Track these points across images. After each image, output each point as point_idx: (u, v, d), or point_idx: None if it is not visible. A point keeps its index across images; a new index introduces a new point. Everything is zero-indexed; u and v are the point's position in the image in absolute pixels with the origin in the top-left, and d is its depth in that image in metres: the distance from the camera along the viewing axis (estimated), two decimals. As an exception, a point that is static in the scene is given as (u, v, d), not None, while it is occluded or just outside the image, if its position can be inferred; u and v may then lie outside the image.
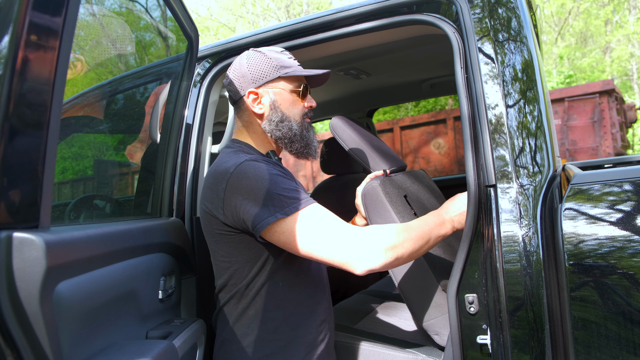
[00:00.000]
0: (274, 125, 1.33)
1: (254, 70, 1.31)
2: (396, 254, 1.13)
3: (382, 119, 10.81)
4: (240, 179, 1.17)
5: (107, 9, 1.42)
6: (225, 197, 1.18)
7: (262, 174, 1.17)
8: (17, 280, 0.58)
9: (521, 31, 1.21)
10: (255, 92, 1.32)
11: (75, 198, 1.48)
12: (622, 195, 1.00)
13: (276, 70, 1.32)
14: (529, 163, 1.13)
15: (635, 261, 0.95)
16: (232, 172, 1.18)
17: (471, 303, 1.14)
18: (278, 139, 1.34)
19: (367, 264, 1.12)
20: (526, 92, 1.18)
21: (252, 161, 1.20)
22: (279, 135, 1.33)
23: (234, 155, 1.25)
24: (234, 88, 1.34)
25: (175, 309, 1.34)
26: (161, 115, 1.50)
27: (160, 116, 1.50)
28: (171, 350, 0.95)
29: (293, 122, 1.34)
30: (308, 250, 1.15)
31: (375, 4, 1.39)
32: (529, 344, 1.04)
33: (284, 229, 1.15)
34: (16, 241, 0.59)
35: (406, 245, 1.15)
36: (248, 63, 1.32)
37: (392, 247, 1.13)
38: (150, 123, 1.49)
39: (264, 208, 1.14)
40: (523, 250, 1.07)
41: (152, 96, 1.62)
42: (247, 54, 1.35)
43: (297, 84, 1.36)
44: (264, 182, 1.16)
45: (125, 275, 0.96)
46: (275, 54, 1.34)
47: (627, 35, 17.73)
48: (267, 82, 1.32)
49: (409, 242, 1.15)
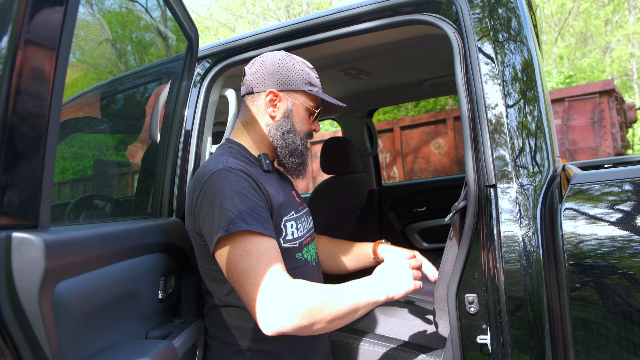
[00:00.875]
0: (280, 133, 1.31)
1: (283, 73, 1.31)
2: (314, 319, 1.03)
3: (382, 119, 10.81)
4: (207, 189, 1.14)
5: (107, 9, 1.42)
6: (196, 205, 1.16)
7: (224, 187, 1.12)
8: (16, 280, 0.58)
9: (521, 31, 1.21)
10: (277, 94, 1.31)
11: (75, 198, 1.48)
12: (622, 196, 1.00)
13: (303, 83, 1.32)
14: (529, 163, 1.13)
15: (635, 261, 0.94)
16: (205, 181, 1.15)
17: (471, 303, 1.14)
18: (279, 147, 1.32)
19: (276, 324, 1.02)
20: (526, 92, 1.17)
21: (224, 171, 1.15)
22: (281, 144, 1.32)
23: (217, 159, 1.22)
24: (255, 80, 1.33)
25: (175, 309, 1.34)
26: (161, 116, 1.50)
27: (160, 116, 1.50)
28: (171, 351, 0.95)
29: (298, 137, 1.33)
30: (234, 286, 1.09)
31: (375, 4, 1.39)
32: (529, 344, 1.04)
33: (222, 251, 1.09)
34: (15, 241, 0.59)
35: (327, 311, 1.05)
36: (280, 64, 1.32)
37: (310, 311, 1.02)
38: (150, 123, 1.49)
39: (213, 225, 1.09)
40: (523, 250, 1.07)
41: (152, 96, 1.62)
42: (281, 55, 1.34)
43: (315, 104, 1.37)
44: (222, 196, 1.10)
45: (125, 276, 0.96)
46: (307, 68, 1.35)
47: (627, 35, 17.73)
48: (291, 90, 1.31)
49: (332, 308, 1.06)
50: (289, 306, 1.02)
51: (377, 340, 1.50)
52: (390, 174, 8.46)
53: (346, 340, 1.53)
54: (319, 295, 1.05)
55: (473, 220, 1.14)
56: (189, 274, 1.44)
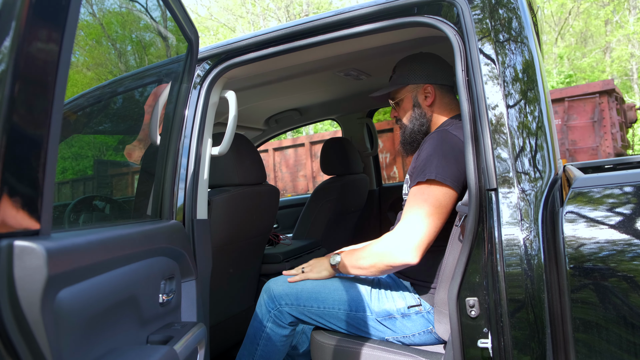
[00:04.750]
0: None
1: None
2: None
3: (382, 119, 10.80)
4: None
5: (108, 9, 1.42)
6: None
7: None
8: (18, 289, 0.58)
9: (522, 32, 1.20)
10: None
11: (75, 199, 1.48)
12: (622, 199, 1.00)
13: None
14: (530, 166, 1.13)
15: (636, 264, 0.95)
16: None
17: (472, 306, 1.13)
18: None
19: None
20: (527, 93, 1.17)
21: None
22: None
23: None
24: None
25: (176, 313, 1.33)
26: (161, 117, 1.49)
27: (160, 118, 1.49)
28: (172, 356, 0.95)
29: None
30: None
31: (376, 7, 1.38)
32: (529, 346, 1.04)
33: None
34: (17, 249, 0.59)
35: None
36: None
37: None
38: (150, 125, 1.49)
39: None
40: (524, 254, 1.07)
41: (151, 97, 1.62)
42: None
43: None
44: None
45: (126, 281, 0.96)
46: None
47: (627, 35, 17.72)
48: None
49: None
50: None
51: (377, 345, 1.50)
52: (390, 174, 8.46)
53: (347, 345, 1.52)
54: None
55: (474, 223, 1.14)
56: (190, 277, 1.44)
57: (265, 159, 9.50)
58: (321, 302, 1.59)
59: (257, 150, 2.14)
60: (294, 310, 1.64)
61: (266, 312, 1.68)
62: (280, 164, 9.59)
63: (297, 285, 1.65)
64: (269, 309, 1.67)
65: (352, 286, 1.59)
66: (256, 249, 2.23)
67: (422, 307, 1.52)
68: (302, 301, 1.62)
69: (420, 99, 1.69)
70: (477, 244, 1.14)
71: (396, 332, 1.51)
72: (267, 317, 1.67)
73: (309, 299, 1.61)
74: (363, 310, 1.54)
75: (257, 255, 2.27)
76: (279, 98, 2.72)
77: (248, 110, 2.79)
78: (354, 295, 1.56)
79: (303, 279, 1.67)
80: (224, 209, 1.85)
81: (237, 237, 2.00)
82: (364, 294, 1.57)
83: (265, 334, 1.67)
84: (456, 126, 1.52)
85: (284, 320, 1.66)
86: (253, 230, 2.13)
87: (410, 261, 1.37)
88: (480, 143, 1.16)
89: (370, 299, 1.55)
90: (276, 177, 9.58)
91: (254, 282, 2.32)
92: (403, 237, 1.39)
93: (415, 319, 1.51)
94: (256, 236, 2.17)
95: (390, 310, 1.52)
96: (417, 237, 1.37)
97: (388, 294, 1.56)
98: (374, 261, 1.44)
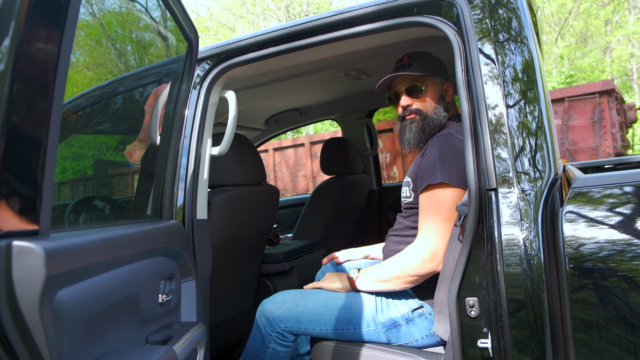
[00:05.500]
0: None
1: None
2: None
3: (382, 119, 10.80)
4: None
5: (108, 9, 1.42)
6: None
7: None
8: (16, 289, 0.58)
9: (522, 32, 1.20)
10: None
11: (75, 199, 1.47)
12: (622, 199, 1.00)
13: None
14: (530, 166, 1.13)
15: (636, 264, 0.94)
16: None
17: (472, 306, 1.13)
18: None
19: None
20: (527, 93, 1.17)
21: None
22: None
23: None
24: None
25: (175, 313, 1.33)
26: (161, 117, 1.49)
27: (160, 118, 1.49)
28: (171, 356, 0.95)
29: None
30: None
31: (376, 7, 1.38)
32: (529, 346, 1.04)
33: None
34: (16, 250, 0.59)
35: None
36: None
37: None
38: (149, 125, 1.49)
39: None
40: (524, 254, 1.07)
41: (151, 97, 1.62)
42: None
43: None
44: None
45: (125, 281, 0.95)
46: None
47: (627, 35, 17.72)
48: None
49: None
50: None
51: (376, 345, 1.50)
52: (390, 174, 8.46)
53: (347, 346, 1.52)
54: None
55: (474, 223, 1.13)
56: (189, 277, 1.44)
57: (265, 159, 9.50)
58: (323, 324, 1.56)
59: (257, 150, 2.14)
60: (295, 331, 1.62)
61: (267, 334, 1.65)
62: (280, 164, 9.59)
63: (297, 307, 1.61)
64: (269, 331, 1.64)
65: (355, 302, 1.56)
66: (256, 249, 2.23)
67: (424, 308, 1.52)
68: (304, 325, 1.59)
69: (444, 93, 1.69)
70: (477, 244, 1.14)
71: (400, 340, 1.51)
72: (268, 338, 1.65)
73: (310, 322, 1.58)
74: (367, 326, 1.52)
75: (257, 255, 2.27)
76: (279, 98, 2.73)
77: (248, 110, 2.79)
78: (357, 312, 1.54)
79: (315, 287, 1.67)
80: (224, 209, 1.85)
81: (237, 237, 2.00)
82: (368, 307, 1.55)
83: (269, 353, 1.66)
84: (458, 129, 1.52)
85: (287, 338, 1.64)
86: (253, 230, 2.13)
87: (437, 268, 1.42)
88: (480, 143, 1.16)
89: (375, 311, 1.53)
90: (276, 177, 9.58)
91: (254, 282, 2.31)
92: (427, 246, 1.42)
93: (419, 322, 1.50)
94: (256, 236, 2.17)
95: (395, 317, 1.51)
96: (440, 244, 1.41)
97: (390, 302, 1.54)
98: (399, 272, 1.45)
